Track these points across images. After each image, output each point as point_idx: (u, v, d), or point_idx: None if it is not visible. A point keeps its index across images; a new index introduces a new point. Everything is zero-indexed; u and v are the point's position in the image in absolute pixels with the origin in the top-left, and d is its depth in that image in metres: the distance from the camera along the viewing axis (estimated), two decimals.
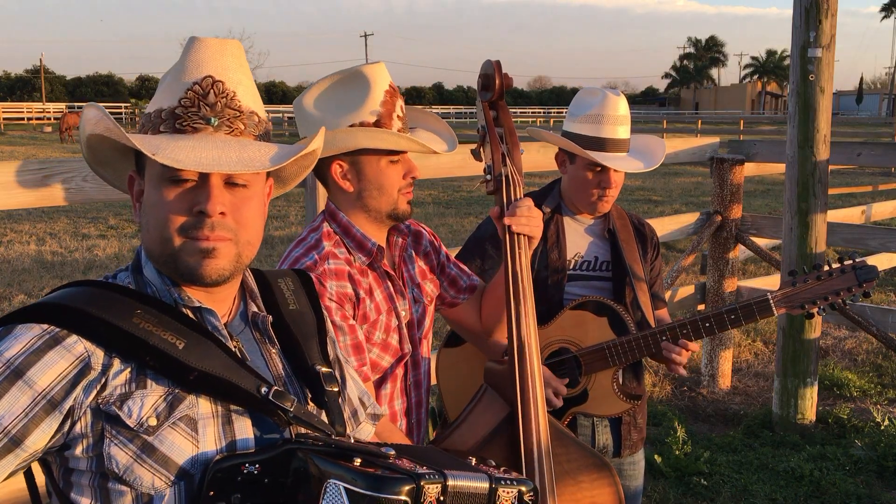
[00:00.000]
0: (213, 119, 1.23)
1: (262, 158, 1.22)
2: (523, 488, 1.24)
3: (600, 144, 2.33)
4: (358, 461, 1.14)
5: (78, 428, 1.15)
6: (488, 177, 1.91)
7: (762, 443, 4.52)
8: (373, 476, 1.11)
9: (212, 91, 1.23)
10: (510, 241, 1.87)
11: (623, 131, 2.36)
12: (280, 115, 50.12)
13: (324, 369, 1.36)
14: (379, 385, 1.89)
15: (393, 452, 1.19)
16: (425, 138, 1.89)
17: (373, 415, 1.58)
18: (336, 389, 1.36)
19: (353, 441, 1.27)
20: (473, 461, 1.31)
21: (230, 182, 1.23)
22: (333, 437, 1.26)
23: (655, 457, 4.08)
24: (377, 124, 1.79)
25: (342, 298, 1.79)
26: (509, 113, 1.95)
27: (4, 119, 44.53)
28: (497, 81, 1.90)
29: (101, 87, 79.37)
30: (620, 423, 2.49)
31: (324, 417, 1.32)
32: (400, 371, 1.93)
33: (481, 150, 1.96)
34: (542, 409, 1.85)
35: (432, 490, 1.12)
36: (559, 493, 1.87)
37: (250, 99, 1.27)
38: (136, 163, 1.28)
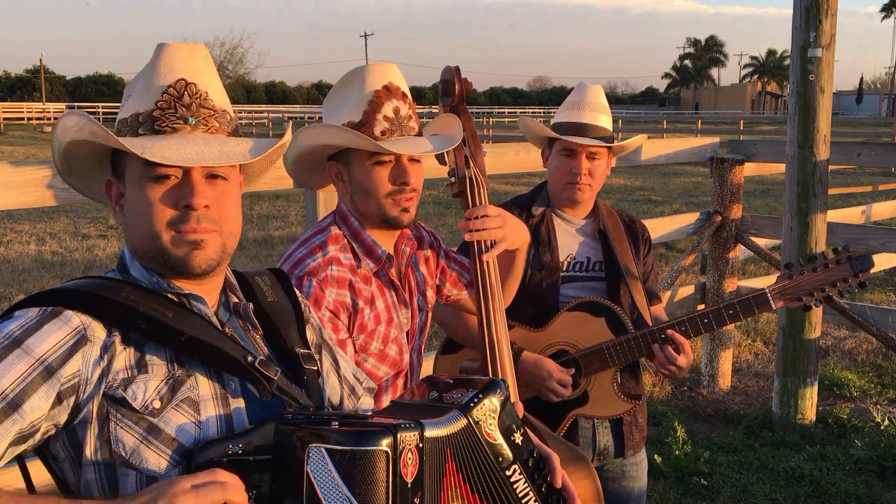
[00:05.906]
0: (189, 118, 1.30)
1: (241, 151, 1.31)
2: (495, 398, 1.32)
3: (573, 129, 2.36)
4: (336, 424, 1.19)
5: (85, 413, 1.20)
6: (453, 179, 1.95)
7: (762, 443, 4.52)
8: (350, 433, 1.17)
9: (186, 93, 1.30)
10: (476, 243, 1.90)
11: (591, 117, 2.37)
12: (280, 115, 50.11)
13: (302, 351, 1.42)
14: (376, 396, 1.86)
15: (370, 413, 1.25)
16: (413, 144, 1.79)
17: (369, 388, 1.67)
18: (315, 369, 1.42)
19: (331, 411, 1.33)
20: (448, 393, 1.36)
21: (211, 176, 1.30)
22: (312, 409, 1.32)
23: (655, 457, 4.08)
24: (361, 123, 1.74)
25: (338, 307, 1.76)
26: (470, 116, 2.00)
27: (4, 119, 44.43)
28: (457, 87, 1.95)
29: (101, 87, 79.26)
30: (621, 424, 2.48)
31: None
32: (399, 382, 1.92)
33: (445, 153, 1.98)
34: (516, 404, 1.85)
35: (410, 438, 1.18)
36: None
37: (220, 98, 1.35)
38: (113, 167, 1.35)
